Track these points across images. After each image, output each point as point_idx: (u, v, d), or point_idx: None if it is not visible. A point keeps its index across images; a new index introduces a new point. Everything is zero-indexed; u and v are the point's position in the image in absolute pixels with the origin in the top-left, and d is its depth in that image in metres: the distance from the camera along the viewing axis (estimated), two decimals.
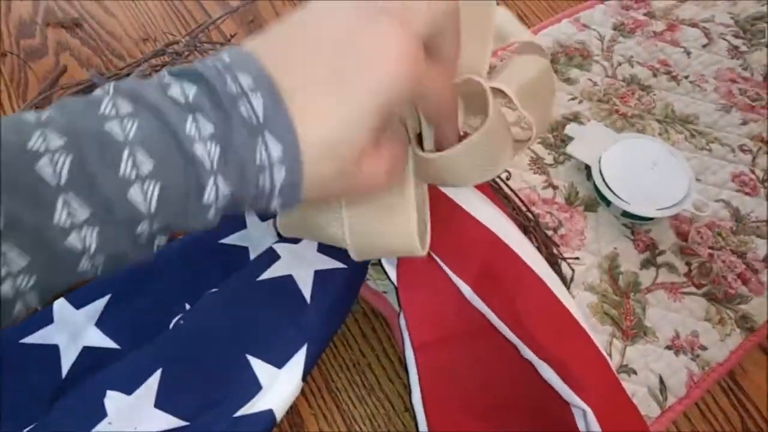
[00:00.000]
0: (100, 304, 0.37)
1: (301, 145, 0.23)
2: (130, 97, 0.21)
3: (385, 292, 0.46)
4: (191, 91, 0.22)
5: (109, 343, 0.37)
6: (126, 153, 0.20)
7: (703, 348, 0.47)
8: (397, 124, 0.30)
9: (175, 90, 0.22)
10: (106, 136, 0.21)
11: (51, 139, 0.20)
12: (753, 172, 0.55)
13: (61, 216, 0.20)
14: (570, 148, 0.53)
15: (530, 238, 0.43)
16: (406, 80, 0.24)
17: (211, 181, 0.22)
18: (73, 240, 0.20)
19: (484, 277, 0.37)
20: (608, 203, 0.51)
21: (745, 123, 0.58)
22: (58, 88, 0.47)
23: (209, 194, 0.22)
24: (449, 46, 0.27)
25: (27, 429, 0.33)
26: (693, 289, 0.49)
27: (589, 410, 0.32)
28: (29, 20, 0.58)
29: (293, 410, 0.42)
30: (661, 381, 0.45)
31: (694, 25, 0.64)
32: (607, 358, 0.36)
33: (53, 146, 0.20)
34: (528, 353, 0.35)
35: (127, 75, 0.45)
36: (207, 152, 0.21)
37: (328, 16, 0.25)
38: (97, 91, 0.22)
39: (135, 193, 0.21)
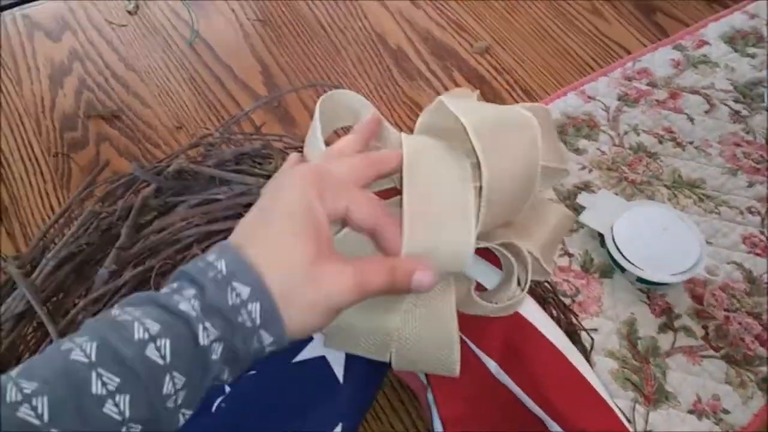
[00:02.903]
0: None
1: (266, 280, 0.27)
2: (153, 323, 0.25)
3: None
4: (173, 284, 0.27)
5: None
6: (136, 324, 0.24)
7: (726, 412, 0.48)
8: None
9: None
10: (118, 322, 0.24)
11: (109, 381, 0.23)
12: (762, 233, 0.57)
13: (95, 387, 0.23)
14: (583, 218, 0.55)
15: (549, 309, 0.45)
16: (307, 192, 0.29)
17: (200, 328, 0.25)
18: (109, 409, 0.23)
19: (508, 353, 0.38)
20: (623, 270, 0.53)
21: (751, 185, 0.60)
22: (101, 182, 0.50)
23: (202, 339, 0.25)
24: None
25: None
26: (711, 352, 0.50)
27: None
28: (72, 114, 0.62)
29: None
30: None
31: (695, 92, 0.67)
32: (628, 425, 0.37)
33: (112, 388, 0.23)
34: (554, 427, 0.36)
35: (167, 167, 0.49)
36: (190, 306, 0.26)
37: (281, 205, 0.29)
38: (120, 313, 0.25)
39: (151, 352, 0.24)
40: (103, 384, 0.22)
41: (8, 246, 0.53)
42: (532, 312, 0.40)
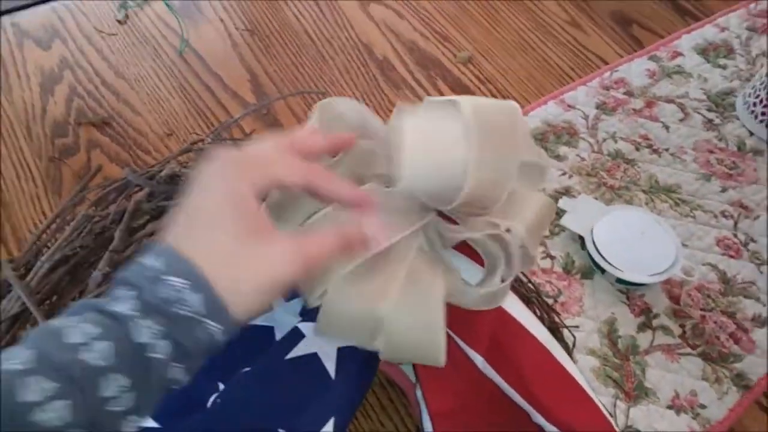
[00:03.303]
0: None
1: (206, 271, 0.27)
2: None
3: (400, 364, 0.49)
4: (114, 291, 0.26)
5: (150, 423, 0.39)
6: (70, 330, 0.24)
7: (703, 407, 0.50)
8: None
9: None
10: (54, 329, 0.24)
11: (44, 387, 0.22)
12: (736, 236, 0.59)
13: (29, 394, 0.22)
14: (564, 221, 0.57)
15: (532, 308, 0.46)
16: (232, 191, 0.29)
17: (133, 325, 0.25)
18: (44, 417, 0.22)
19: (494, 348, 0.40)
20: (603, 271, 0.55)
21: (724, 190, 0.62)
22: (94, 187, 0.51)
23: (141, 335, 0.25)
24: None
25: None
26: (688, 350, 0.52)
27: None
28: (63, 121, 0.63)
29: None
30: None
31: (670, 101, 0.70)
32: (610, 419, 0.39)
33: (49, 394, 0.23)
34: (539, 419, 0.38)
35: (159, 171, 0.50)
36: (125, 307, 0.25)
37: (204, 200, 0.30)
38: (59, 321, 0.25)
39: (86, 355, 0.24)
40: (41, 390, 0.22)
41: (0, 250, 0.54)
42: (517, 309, 0.42)
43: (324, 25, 0.75)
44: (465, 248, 0.41)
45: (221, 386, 0.41)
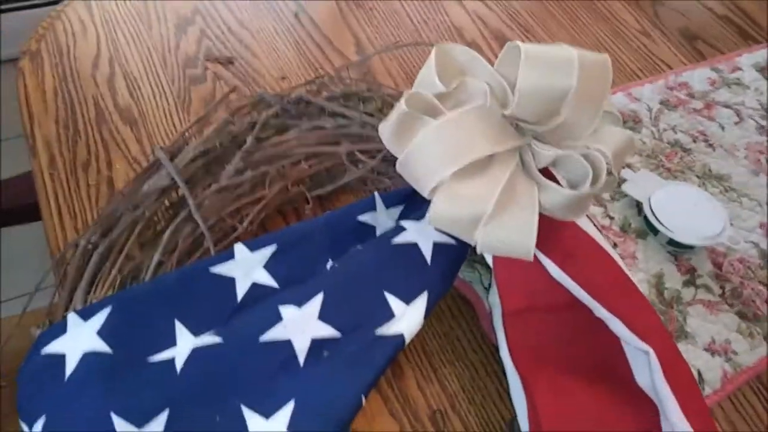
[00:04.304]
0: (268, 251, 0.48)
1: None
2: None
3: (471, 282, 0.56)
4: None
5: (272, 282, 0.47)
6: None
7: (735, 353, 0.56)
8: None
9: None
10: None
11: None
12: None
13: None
14: (625, 187, 0.64)
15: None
16: None
17: None
18: None
19: (567, 256, 0.47)
20: (656, 233, 0.62)
21: None
22: (231, 101, 0.60)
23: None
24: None
25: (208, 332, 0.44)
26: (726, 307, 0.59)
27: (651, 351, 0.42)
28: (193, 56, 0.73)
29: (395, 361, 0.52)
30: (700, 375, 0.54)
31: (727, 106, 0.77)
32: (661, 317, 0.45)
33: None
34: (601, 311, 0.45)
35: (289, 94, 0.59)
36: None
37: None
38: None
39: None
40: None
41: (138, 150, 0.63)
42: (591, 229, 0.49)
43: (421, 8, 0.84)
44: (548, 177, 0.49)
45: (330, 262, 0.49)
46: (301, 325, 0.43)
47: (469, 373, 0.52)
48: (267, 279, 0.47)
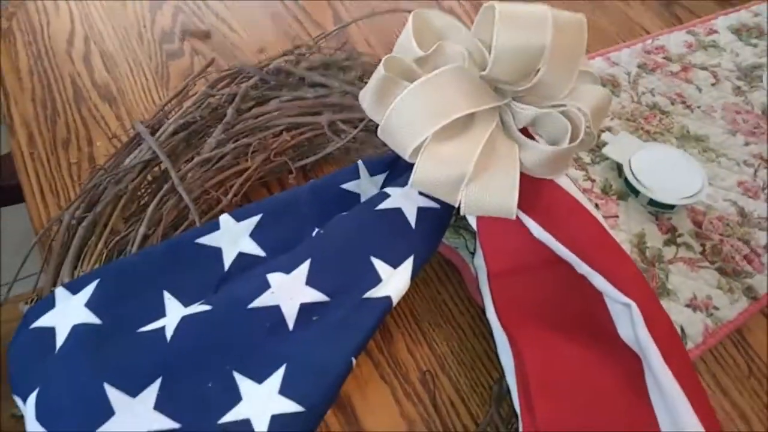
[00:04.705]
0: (254, 220, 0.48)
1: None
2: None
3: (456, 247, 0.57)
4: None
5: (258, 251, 0.47)
6: None
7: (716, 308, 0.57)
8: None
9: None
10: None
11: None
12: (755, 180, 0.67)
13: None
14: (605, 150, 0.65)
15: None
16: None
17: None
18: None
19: (548, 215, 0.48)
20: (637, 194, 0.63)
21: (747, 144, 0.70)
22: (210, 73, 0.60)
23: None
24: None
25: (197, 302, 0.44)
26: (707, 264, 0.60)
27: (633, 304, 0.42)
28: (169, 31, 0.72)
29: (384, 327, 0.53)
30: (682, 330, 0.55)
31: (704, 68, 0.78)
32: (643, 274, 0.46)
33: None
34: (583, 267, 0.45)
35: (267, 65, 0.59)
36: None
37: None
38: None
39: None
40: None
41: (118, 126, 0.62)
42: (570, 187, 0.50)
43: None
44: (527, 136, 0.49)
45: (316, 230, 0.49)
46: (289, 291, 0.43)
47: (457, 335, 0.53)
48: (253, 248, 0.48)
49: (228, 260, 0.47)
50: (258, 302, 0.42)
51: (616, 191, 0.64)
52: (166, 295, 0.44)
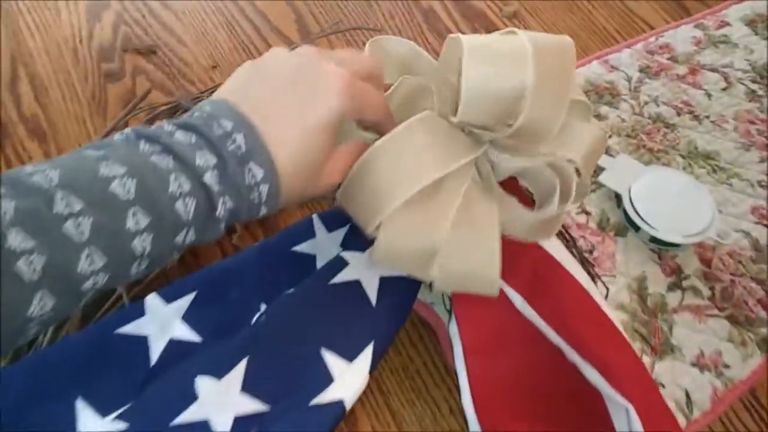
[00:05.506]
0: (187, 300, 0.41)
1: (278, 166, 0.31)
2: (153, 140, 0.29)
3: (432, 304, 0.50)
4: (190, 137, 0.30)
5: (193, 337, 0.41)
6: (172, 177, 0.28)
7: (726, 366, 0.50)
8: (345, 134, 0.39)
9: (179, 136, 0.30)
10: (154, 165, 0.28)
11: (115, 168, 0.27)
12: None
13: (130, 222, 0.26)
14: (602, 178, 0.57)
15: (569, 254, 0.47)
16: (345, 105, 0.33)
17: (220, 201, 0.30)
18: (137, 243, 0.27)
19: (534, 288, 0.41)
20: (637, 229, 0.55)
21: (762, 161, 0.62)
22: (143, 108, 0.52)
23: (220, 210, 0.30)
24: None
25: (119, 411, 0.37)
26: (716, 311, 0.53)
27: (631, 408, 0.36)
28: (109, 46, 0.63)
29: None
30: (687, 395, 0.49)
31: (713, 70, 0.69)
32: (644, 363, 0.39)
33: (120, 172, 0.27)
34: (574, 356, 0.39)
35: (209, 96, 0.51)
36: (213, 179, 0.29)
37: (281, 63, 0.34)
38: (120, 136, 0.30)
39: (180, 206, 0.28)
40: (136, 222, 0.27)
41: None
42: (559, 252, 0.42)
43: None
44: (513, 189, 0.42)
45: (263, 307, 0.42)
46: (221, 401, 0.36)
47: (431, 413, 0.47)
48: (187, 333, 0.41)
49: (156, 351, 0.40)
50: (183, 418, 0.36)
51: (613, 226, 0.57)
52: (80, 404, 0.37)
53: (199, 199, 0.29)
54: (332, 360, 0.38)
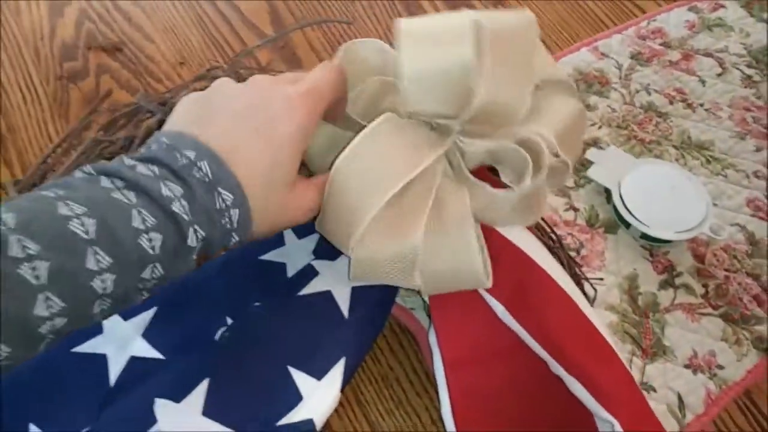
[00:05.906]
0: (147, 315, 0.39)
1: (246, 192, 0.30)
2: (115, 176, 0.28)
3: (412, 309, 0.48)
4: (153, 168, 0.28)
5: (154, 354, 0.38)
6: (134, 212, 0.26)
7: (720, 367, 0.48)
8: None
9: (142, 169, 0.28)
10: (116, 201, 0.26)
11: (74, 207, 0.25)
12: (767, 197, 0.57)
13: (90, 262, 0.25)
14: (591, 172, 0.55)
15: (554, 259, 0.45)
16: (304, 121, 0.33)
17: (191, 230, 0.28)
18: (97, 283, 0.25)
19: (516, 296, 0.38)
20: (627, 225, 0.53)
21: (758, 150, 0.60)
22: (104, 111, 0.49)
23: (191, 240, 0.28)
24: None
25: None
26: (710, 310, 0.51)
27: (617, 424, 0.34)
28: (72, 44, 0.61)
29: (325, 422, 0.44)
30: (680, 399, 0.47)
31: (708, 55, 0.66)
32: (632, 374, 0.37)
33: (79, 211, 0.25)
34: (558, 369, 0.36)
35: (171, 98, 0.48)
36: (182, 208, 0.28)
37: (236, 91, 0.33)
38: (80, 174, 0.28)
39: (144, 241, 0.27)
40: (97, 262, 0.25)
41: (6, 174, 0.52)
42: (542, 257, 0.40)
43: None
44: (487, 177, 0.39)
45: (229, 321, 0.40)
46: (180, 425, 0.34)
47: (412, 424, 0.45)
48: (147, 350, 0.38)
49: (115, 370, 0.38)
50: None
51: (603, 222, 0.54)
52: (33, 430, 0.35)
53: (166, 231, 0.27)
54: (300, 378, 0.36)
